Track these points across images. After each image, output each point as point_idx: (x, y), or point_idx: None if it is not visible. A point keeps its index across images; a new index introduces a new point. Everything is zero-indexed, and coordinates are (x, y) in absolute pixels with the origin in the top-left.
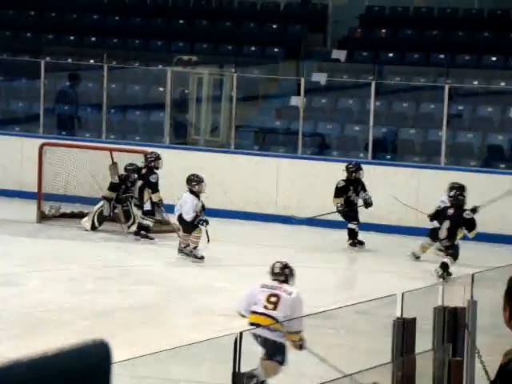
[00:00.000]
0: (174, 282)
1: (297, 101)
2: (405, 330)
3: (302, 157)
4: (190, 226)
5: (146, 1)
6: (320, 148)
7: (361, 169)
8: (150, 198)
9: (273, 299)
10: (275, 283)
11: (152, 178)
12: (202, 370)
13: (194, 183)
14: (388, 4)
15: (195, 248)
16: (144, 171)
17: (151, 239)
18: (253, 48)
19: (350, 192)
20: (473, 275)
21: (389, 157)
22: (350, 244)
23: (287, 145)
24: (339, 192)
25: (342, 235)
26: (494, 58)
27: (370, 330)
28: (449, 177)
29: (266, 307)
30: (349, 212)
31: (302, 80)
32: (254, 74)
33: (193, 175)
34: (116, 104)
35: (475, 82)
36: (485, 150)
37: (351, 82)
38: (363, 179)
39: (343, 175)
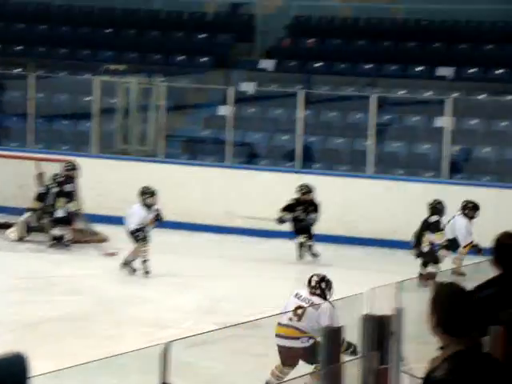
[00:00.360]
0: (101, 292)
1: (225, 110)
2: (331, 339)
3: (230, 166)
4: (135, 238)
5: (73, 9)
6: (249, 157)
7: (310, 191)
8: (66, 207)
9: (299, 311)
10: (307, 295)
11: (66, 188)
12: (130, 381)
13: (147, 196)
14: (315, 14)
15: (145, 261)
16: (60, 180)
17: (66, 246)
18: (181, 57)
19: (299, 212)
20: (399, 283)
21: (317, 165)
22: (300, 256)
23: (216, 154)
24: (287, 208)
25: (272, 245)
26: (419, 68)
27: None
28: (376, 186)
29: (290, 319)
30: (296, 226)
31: (231, 89)
32: (182, 84)
33: (145, 188)
34: (43, 113)
35: (401, 92)
36: (411, 159)
37: (279, 92)
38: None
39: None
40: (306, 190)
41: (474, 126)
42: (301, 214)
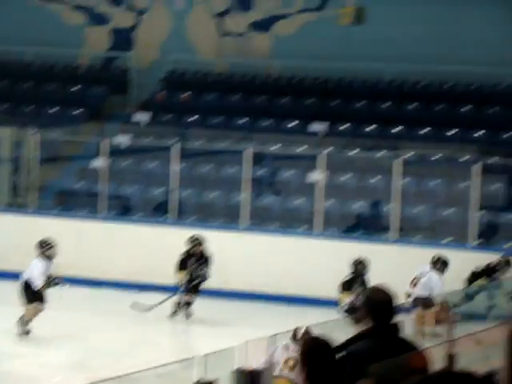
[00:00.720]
0: None
1: (99, 162)
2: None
3: (104, 218)
4: (34, 295)
5: None
6: (123, 210)
7: (201, 243)
8: None
9: (290, 363)
10: (294, 347)
11: None
12: None
13: (46, 248)
14: (190, 68)
15: (28, 321)
16: None
17: None
18: (54, 109)
19: (193, 267)
20: (270, 337)
21: (192, 218)
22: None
23: (90, 206)
24: (181, 265)
25: (147, 299)
26: (293, 123)
27: None
28: (251, 239)
29: (282, 370)
30: (189, 284)
31: (105, 141)
32: (55, 135)
33: (44, 239)
34: None
35: (276, 146)
36: (285, 213)
37: (154, 145)
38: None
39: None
40: (197, 242)
41: (347, 180)
42: (194, 271)
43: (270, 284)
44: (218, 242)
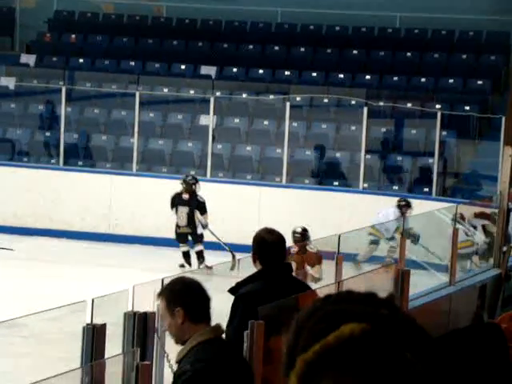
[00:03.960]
0: None
1: None
2: (94, 336)
3: None
4: None
5: None
6: (10, 154)
7: (198, 181)
8: None
9: None
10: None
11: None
12: None
13: None
14: (77, 9)
15: None
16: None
17: None
18: None
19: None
20: (162, 280)
21: (81, 163)
22: (207, 267)
23: None
24: (206, 207)
25: (28, 243)
26: (183, 67)
27: (61, 337)
28: (140, 183)
29: None
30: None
31: None
32: None
33: None
34: None
35: (165, 90)
36: (175, 157)
37: (41, 88)
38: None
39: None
40: (196, 180)
41: (236, 124)
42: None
43: (159, 227)
44: (110, 186)
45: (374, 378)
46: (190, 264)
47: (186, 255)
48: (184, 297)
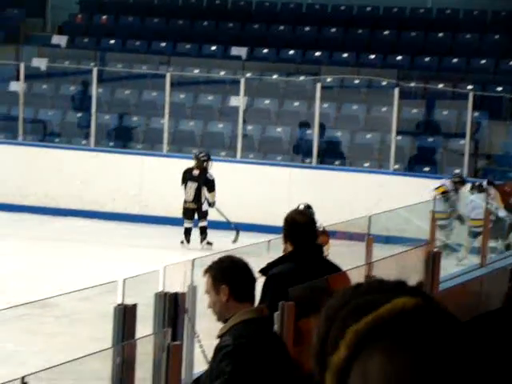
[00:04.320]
0: None
1: (16, 86)
2: (125, 316)
3: (22, 143)
4: None
5: None
6: (42, 134)
7: (211, 159)
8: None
9: None
10: None
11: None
12: None
13: None
14: None
15: None
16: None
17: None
18: None
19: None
20: (193, 261)
21: (112, 144)
22: (208, 243)
23: (7, 131)
24: (214, 185)
25: (67, 224)
26: (213, 48)
27: (92, 317)
28: (171, 164)
29: None
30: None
31: (22, 65)
32: None
33: None
34: None
35: (196, 71)
36: (206, 138)
37: (73, 69)
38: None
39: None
40: (208, 156)
41: (267, 105)
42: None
43: None
44: (141, 167)
45: (425, 350)
46: (188, 241)
47: (187, 232)
48: (230, 275)
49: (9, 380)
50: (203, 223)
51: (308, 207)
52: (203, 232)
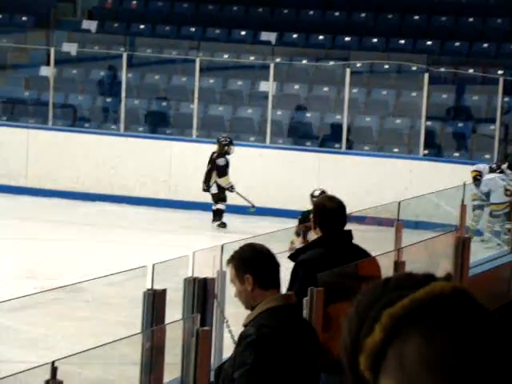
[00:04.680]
0: None
1: (47, 71)
2: (155, 302)
3: (52, 128)
4: None
5: None
6: (72, 119)
7: (233, 143)
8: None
9: None
10: None
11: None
12: None
13: None
14: None
15: None
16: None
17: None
18: (0, 16)
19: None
20: (222, 246)
21: (141, 129)
22: (219, 225)
23: (37, 116)
24: (224, 170)
25: (98, 209)
26: (243, 33)
27: (122, 302)
28: (200, 149)
29: None
30: (221, 193)
31: (52, 50)
32: (1, 43)
33: None
34: None
35: (225, 56)
36: (235, 123)
37: (102, 53)
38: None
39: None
40: (229, 141)
41: (296, 91)
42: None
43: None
44: (169, 153)
45: (462, 334)
46: (213, 221)
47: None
48: (253, 263)
49: (39, 364)
50: (214, 206)
51: (323, 192)
52: (215, 215)
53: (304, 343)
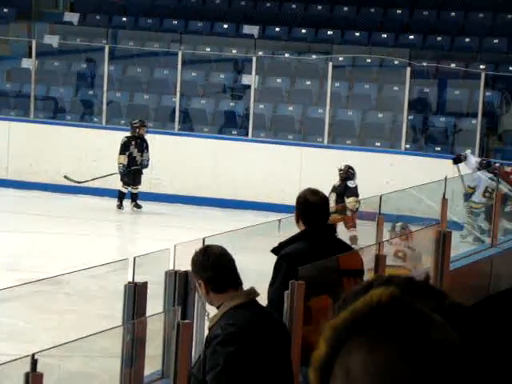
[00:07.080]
0: None
1: (28, 63)
2: (136, 294)
3: (34, 120)
4: None
5: None
6: (53, 112)
7: (145, 126)
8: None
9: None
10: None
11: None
12: None
13: None
14: None
15: None
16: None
17: None
18: None
19: (134, 150)
20: (204, 239)
21: (123, 122)
22: (135, 206)
23: (19, 108)
24: (122, 149)
25: (71, 201)
26: (225, 26)
27: (103, 295)
28: (181, 142)
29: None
30: (130, 175)
31: (34, 42)
32: None
33: None
34: None
35: (208, 49)
36: (217, 117)
37: (84, 46)
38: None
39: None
40: (141, 123)
41: (279, 84)
42: (136, 154)
43: (201, 187)
44: (151, 145)
45: (404, 343)
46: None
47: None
48: (203, 270)
49: (19, 357)
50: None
51: (348, 167)
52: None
53: (272, 336)
